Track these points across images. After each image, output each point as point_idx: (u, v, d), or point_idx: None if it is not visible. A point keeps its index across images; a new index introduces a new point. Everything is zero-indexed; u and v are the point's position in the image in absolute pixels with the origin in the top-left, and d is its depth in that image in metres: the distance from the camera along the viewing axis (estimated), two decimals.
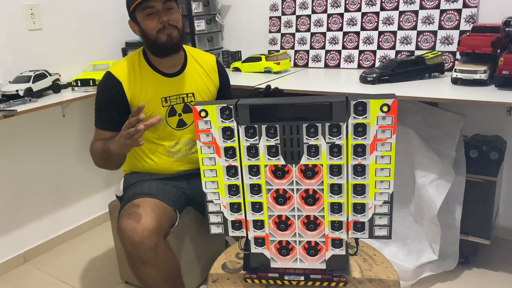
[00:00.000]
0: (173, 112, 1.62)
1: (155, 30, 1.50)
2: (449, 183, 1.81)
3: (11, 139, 2.24)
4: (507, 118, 2.03)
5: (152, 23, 1.50)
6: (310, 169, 1.15)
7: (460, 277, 1.95)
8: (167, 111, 1.61)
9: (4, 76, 2.13)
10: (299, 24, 2.54)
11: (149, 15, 1.50)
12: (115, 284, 2.10)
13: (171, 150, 1.65)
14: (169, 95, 1.60)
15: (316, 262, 1.23)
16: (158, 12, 1.49)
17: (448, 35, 2.12)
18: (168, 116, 1.61)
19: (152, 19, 1.50)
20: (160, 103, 1.59)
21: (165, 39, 1.51)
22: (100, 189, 2.71)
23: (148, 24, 1.51)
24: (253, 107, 1.11)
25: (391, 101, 1.05)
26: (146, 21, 1.51)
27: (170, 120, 1.62)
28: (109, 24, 2.60)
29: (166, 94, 1.60)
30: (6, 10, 2.13)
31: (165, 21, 1.50)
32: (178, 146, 1.65)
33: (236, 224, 1.23)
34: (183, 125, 1.65)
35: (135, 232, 1.39)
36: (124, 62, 1.60)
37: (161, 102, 1.59)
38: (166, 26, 1.50)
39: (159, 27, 1.50)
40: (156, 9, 1.49)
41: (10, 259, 2.28)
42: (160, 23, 1.49)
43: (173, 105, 1.61)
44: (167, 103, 1.60)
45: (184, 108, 1.63)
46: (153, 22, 1.50)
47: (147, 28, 1.51)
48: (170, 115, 1.62)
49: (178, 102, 1.62)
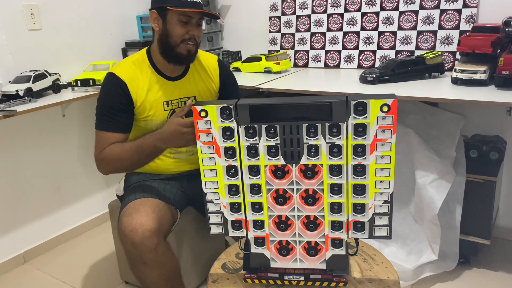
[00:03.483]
0: None
1: (180, 38, 1.49)
2: (449, 183, 1.81)
3: (11, 139, 2.24)
4: (507, 118, 2.03)
5: (181, 31, 1.48)
6: (310, 169, 1.15)
7: (460, 277, 1.95)
8: (169, 115, 1.59)
9: (4, 76, 2.13)
10: (299, 24, 2.54)
11: (183, 22, 1.48)
12: (115, 284, 2.10)
13: (172, 152, 1.64)
14: (171, 98, 1.59)
15: (316, 262, 1.23)
16: (191, 24, 1.49)
17: (448, 35, 2.12)
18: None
19: (183, 27, 1.48)
20: (162, 107, 1.57)
21: (184, 51, 1.50)
22: (100, 189, 2.71)
23: (177, 29, 1.48)
24: (253, 107, 1.11)
25: (391, 101, 1.05)
26: (177, 26, 1.48)
27: None
28: (109, 24, 2.60)
29: (168, 97, 1.58)
30: (6, 10, 2.13)
31: (193, 35, 1.50)
32: (180, 149, 1.64)
33: (236, 224, 1.23)
34: None
35: (135, 232, 1.39)
36: (127, 63, 1.58)
37: (163, 106, 1.57)
38: (192, 39, 1.50)
39: (185, 37, 1.49)
40: (192, 21, 1.49)
41: (10, 259, 2.28)
42: (188, 34, 1.49)
43: (175, 109, 1.59)
44: (168, 106, 1.58)
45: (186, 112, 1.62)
46: (183, 30, 1.48)
47: (173, 33, 1.49)
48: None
49: (180, 105, 1.60)
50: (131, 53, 2.64)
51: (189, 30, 1.48)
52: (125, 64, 1.57)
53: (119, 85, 1.50)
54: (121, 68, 1.55)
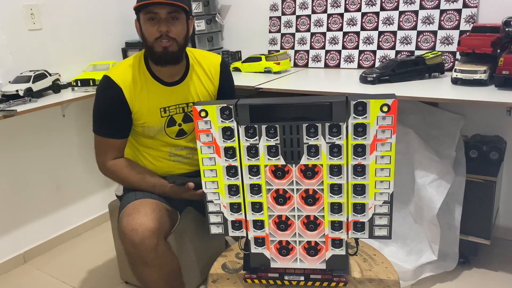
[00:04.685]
0: (172, 122, 1.57)
1: (152, 37, 1.43)
2: (449, 184, 1.81)
3: (11, 139, 2.24)
4: (507, 118, 2.03)
5: (151, 29, 1.43)
6: (310, 169, 1.15)
7: (460, 277, 1.95)
8: (166, 122, 1.55)
9: (4, 76, 2.13)
10: (299, 24, 2.54)
11: (150, 19, 1.42)
12: (115, 284, 2.10)
13: (172, 155, 1.64)
14: (168, 105, 1.54)
15: (316, 262, 1.23)
16: (160, 19, 1.42)
17: (448, 35, 2.12)
18: (167, 126, 1.56)
19: (152, 25, 1.42)
20: (159, 114, 1.53)
21: (160, 49, 1.44)
22: (100, 189, 2.71)
23: (147, 29, 1.44)
24: (253, 107, 1.11)
25: (391, 101, 1.05)
26: (146, 25, 1.44)
27: (169, 130, 1.58)
28: (109, 24, 2.60)
29: (165, 104, 1.54)
30: (6, 10, 2.13)
31: (164, 31, 1.42)
32: (179, 152, 1.63)
33: (236, 224, 1.23)
34: (182, 134, 1.60)
35: (135, 232, 1.38)
36: (123, 66, 1.53)
37: (159, 113, 1.53)
38: (164, 36, 1.42)
39: (156, 36, 1.43)
40: (159, 16, 1.41)
41: (10, 259, 2.28)
42: (157, 32, 1.42)
43: (172, 115, 1.56)
44: (165, 113, 1.54)
45: (184, 118, 1.58)
46: (153, 29, 1.42)
47: (145, 33, 1.45)
48: (169, 126, 1.57)
49: (178, 112, 1.57)
50: (131, 53, 2.64)
51: (158, 27, 1.42)
52: (121, 67, 1.53)
53: (114, 91, 1.47)
54: (117, 71, 1.51)
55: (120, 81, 1.48)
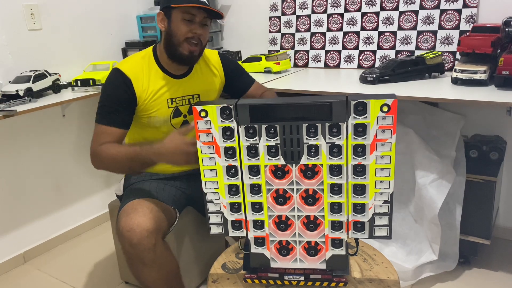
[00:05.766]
0: (178, 113, 1.61)
1: (183, 36, 1.48)
2: (450, 183, 1.81)
3: (11, 139, 2.24)
4: (507, 118, 2.03)
5: (185, 29, 1.47)
6: (310, 169, 1.15)
7: (460, 277, 1.95)
8: (172, 112, 1.60)
9: (4, 76, 2.13)
10: (299, 24, 2.54)
11: (186, 20, 1.47)
12: (115, 284, 2.10)
13: None
14: (175, 96, 1.59)
15: (316, 262, 1.23)
16: (195, 22, 1.48)
17: (448, 35, 2.12)
18: (173, 117, 1.60)
19: (187, 25, 1.47)
20: (166, 104, 1.58)
21: (186, 52, 1.50)
22: (100, 189, 2.71)
23: (180, 27, 1.48)
24: (253, 107, 1.11)
25: (391, 101, 1.05)
26: (180, 24, 1.48)
27: (174, 121, 1.61)
28: (109, 24, 2.60)
29: (173, 95, 1.59)
30: (6, 10, 2.13)
31: (197, 34, 1.49)
32: None
33: (236, 224, 1.23)
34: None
35: (133, 232, 1.39)
36: (133, 60, 1.58)
37: (167, 103, 1.58)
38: (195, 38, 1.49)
39: (188, 36, 1.48)
40: (196, 19, 1.48)
41: (10, 259, 2.28)
42: (191, 32, 1.48)
43: (178, 106, 1.60)
44: (172, 104, 1.59)
45: (189, 110, 1.62)
46: (186, 28, 1.47)
47: (176, 31, 1.48)
48: (174, 116, 1.61)
49: (184, 103, 1.61)
50: (131, 53, 2.64)
51: (192, 28, 1.48)
52: (132, 60, 1.58)
53: (123, 81, 1.51)
54: (127, 64, 1.56)
55: (130, 72, 1.52)
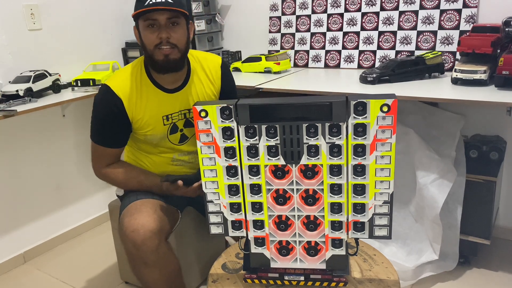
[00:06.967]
0: (175, 129, 1.55)
1: (152, 44, 1.39)
2: (451, 182, 1.80)
3: (11, 139, 2.24)
4: (507, 118, 2.03)
5: (151, 37, 1.39)
6: (310, 169, 1.15)
7: (460, 277, 1.95)
8: (169, 129, 1.54)
9: (4, 76, 2.13)
10: (299, 24, 2.54)
11: (150, 26, 1.38)
12: (115, 284, 2.10)
13: (175, 160, 1.63)
14: (171, 112, 1.52)
15: (316, 262, 1.23)
16: (160, 26, 1.38)
17: (448, 35, 2.12)
18: (170, 133, 1.55)
19: (152, 32, 1.38)
20: (161, 122, 1.52)
21: (161, 57, 1.40)
22: (100, 189, 2.71)
23: (146, 36, 1.40)
24: (253, 107, 1.11)
25: (391, 101, 1.05)
26: (145, 32, 1.40)
27: (172, 137, 1.57)
28: (109, 24, 2.60)
29: (168, 111, 1.51)
30: (6, 10, 2.13)
31: (164, 38, 1.38)
32: (182, 157, 1.62)
33: (236, 224, 1.23)
34: (184, 139, 1.59)
35: (137, 233, 1.38)
36: (123, 75, 1.49)
37: (162, 121, 1.52)
38: (164, 43, 1.38)
39: (156, 42, 1.39)
40: (159, 23, 1.38)
41: (10, 259, 2.28)
42: (157, 38, 1.38)
43: (175, 122, 1.54)
44: (168, 121, 1.53)
45: (185, 123, 1.57)
46: (152, 36, 1.38)
47: (145, 40, 1.41)
48: (171, 133, 1.56)
49: (180, 118, 1.55)
50: (131, 53, 2.64)
51: (158, 33, 1.38)
52: (121, 76, 1.49)
53: (114, 103, 1.44)
54: (117, 81, 1.47)
55: (120, 91, 1.45)
